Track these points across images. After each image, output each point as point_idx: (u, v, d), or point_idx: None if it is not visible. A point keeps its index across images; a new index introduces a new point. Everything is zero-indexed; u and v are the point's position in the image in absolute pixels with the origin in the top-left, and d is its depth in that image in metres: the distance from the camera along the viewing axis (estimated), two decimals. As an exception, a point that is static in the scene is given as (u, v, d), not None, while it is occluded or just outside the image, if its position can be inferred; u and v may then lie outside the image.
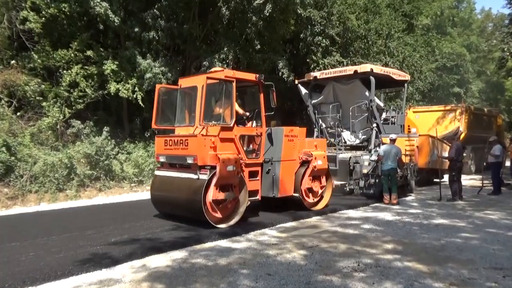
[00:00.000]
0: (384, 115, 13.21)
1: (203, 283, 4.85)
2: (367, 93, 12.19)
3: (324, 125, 13.34)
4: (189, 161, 7.60)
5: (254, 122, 8.91)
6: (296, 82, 13.98)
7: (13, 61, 13.01)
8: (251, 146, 8.66)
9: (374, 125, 12.19)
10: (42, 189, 11.01)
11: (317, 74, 13.41)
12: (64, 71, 13.43)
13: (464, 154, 12.13)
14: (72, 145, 12.71)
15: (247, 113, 8.90)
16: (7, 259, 5.58)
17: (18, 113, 12.54)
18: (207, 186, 7.32)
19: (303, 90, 13.75)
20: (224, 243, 6.73)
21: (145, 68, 13.81)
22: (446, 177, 12.55)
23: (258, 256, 5.95)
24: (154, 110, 8.67)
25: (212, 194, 7.35)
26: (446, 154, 12.83)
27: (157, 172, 8.69)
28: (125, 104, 15.38)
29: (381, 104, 13.51)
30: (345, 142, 12.97)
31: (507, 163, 16.37)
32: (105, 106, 15.24)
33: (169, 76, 14.43)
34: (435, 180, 14.21)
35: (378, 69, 12.47)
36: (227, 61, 16.46)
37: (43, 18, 12.86)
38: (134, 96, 13.81)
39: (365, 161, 11.50)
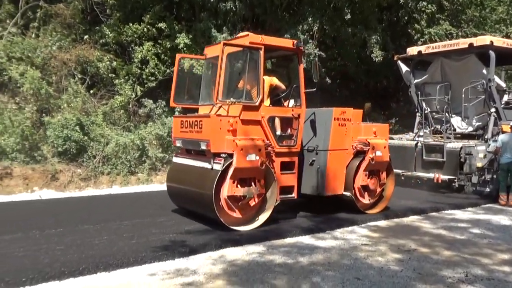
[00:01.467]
0: (505, 98, 12.30)
1: (283, 281, 4.96)
2: (484, 71, 11.40)
3: (428, 109, 12.73)
4: (203, 146, 6.99)
5: (292, 100, 8.12)
6: (396, 58, 13.47)
7: (86, 36, 14.10)
8: (287, 130, 7.88)
9: (493, 109, 11.42)
10: (114, 171, 11.94)
11: (422, 48, 12.80)
12: (136, 47, 14.26)
13: None
14: (144, 126, 13.54)
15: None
16: (81, 241, 6.15)
17: (91, 91, 13.62)
18: (221, 178, 6.70)
19: (404, 68, 13.24)
20: (306, 239, 6.80)
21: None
22: None
23: (346, 257, 5.93)
24: (173, 84, 8.30)
25: (228, 188, 6.69)
26: None
27: (174, 159, 8.35)
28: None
29: (503, 85, 12.57)
30: (455, 130, 12.32)
31: None
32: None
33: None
34: None
35: (499, 41, 11.58)
36: (311, 33, 16.32)
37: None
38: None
39: (479, 152, 10.84)
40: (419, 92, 13.02)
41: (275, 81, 8.00)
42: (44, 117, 12.10)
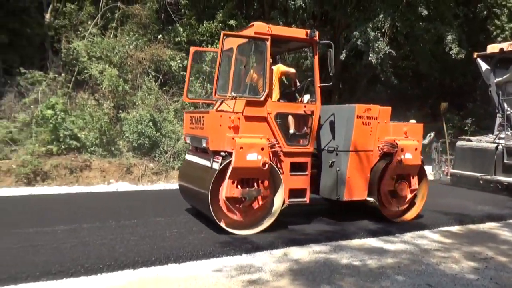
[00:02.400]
0: None
1: (350, 283, 4.88)
2: None
3: (510, 110, 12.00)
4: (204, 144, 6.66)
5: (308, 96, 7.39)
6: (475, 55, 12.78)
7: (159, 36, 14.66)
8: (298, 128, 7.28)
9: None
10: (183, 166, 12.31)
11: (504, 45, 12.04)
12: (208, 45, 14.61)
13: None
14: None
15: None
16: (153, 233, 6.41)
17: (164, 88, 14.14)
18: (220, 178, 6.31)
19: (484, 66, 12.55)
20: (374, 242, 6.65)
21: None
22: None
23: (416, 262, 5.73)
24: (187, 79, 8.06)
25: (227, 189, 6.28)
26: None
27: (186, 156, 8.13)
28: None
29: None
30: (540, 133, 11.51)
31: None
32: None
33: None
34: None
35: None
36: (383, 30, 15.90)
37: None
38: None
39: None
40: (500, 92, 12.31)
41: (282, 68, 7.44)
42: (120, 113, 12.75)
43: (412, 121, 12.45)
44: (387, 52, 15.15)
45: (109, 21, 14.73)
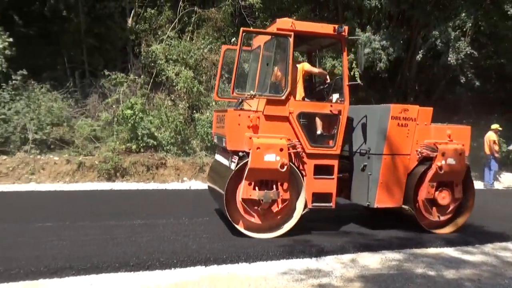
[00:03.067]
0: None
1: (425, 294, 4.68)
2: None
3: None
4: (224, 143, 6.50)
5: (337, 95, 6.94)
6: None
7: (233, 39, 14.93)
8: (324, 129, 6.85)
9: None
10: (256, 166, 12.46)
11: None
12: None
13: None
14: (283, 124, 13.90)
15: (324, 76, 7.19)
16: (224, 231, 6.54)
17: (237, 90, 14.38)
18: (238, 179, 6.13)
19: None
20: (451, 251, 6.33)
21: (363, 42, 13.85)
22: None
23: (498, 275, 5.37)
24: (217, 77, 8.02)
25: (243, 190, 6.10)
26: None
27: (215, 156, 8.02)
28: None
29: None
30: None
31: None
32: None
33: (390, 51, 14.09)
34: None
35: None
36: (464, 29, 15.09)
37: (264, -8, 14.33)
38: (352, 73, 14.07)
39: None
40: None
41: (306, 66, 7.11)
42: (194, 114, 13.14)
43: (495, 125, 11.77)
44: (469, 52, 14.35)
45: (186, 25, 15.25)
